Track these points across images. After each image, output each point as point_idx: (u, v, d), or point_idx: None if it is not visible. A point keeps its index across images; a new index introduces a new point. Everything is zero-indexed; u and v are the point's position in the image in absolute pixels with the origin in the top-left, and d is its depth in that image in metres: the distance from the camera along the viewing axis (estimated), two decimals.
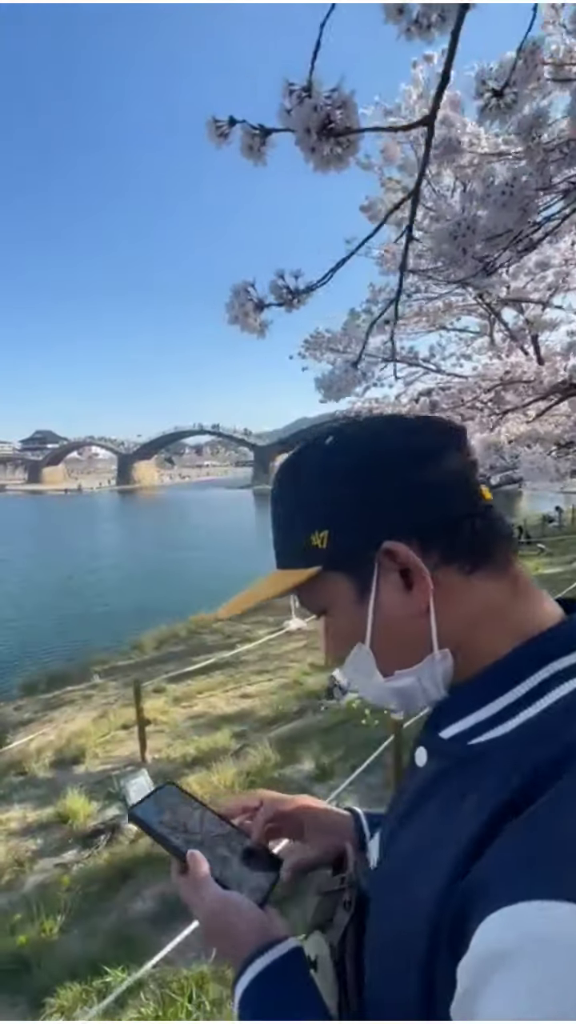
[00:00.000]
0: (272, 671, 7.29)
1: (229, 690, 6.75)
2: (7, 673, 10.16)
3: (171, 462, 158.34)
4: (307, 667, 7.14)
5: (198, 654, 8.52)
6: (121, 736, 5.65)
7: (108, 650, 10.15)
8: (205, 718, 5.86)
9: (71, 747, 5.45)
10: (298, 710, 5.57)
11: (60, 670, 8.93)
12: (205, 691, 6.79)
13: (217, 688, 6.86)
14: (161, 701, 6.43)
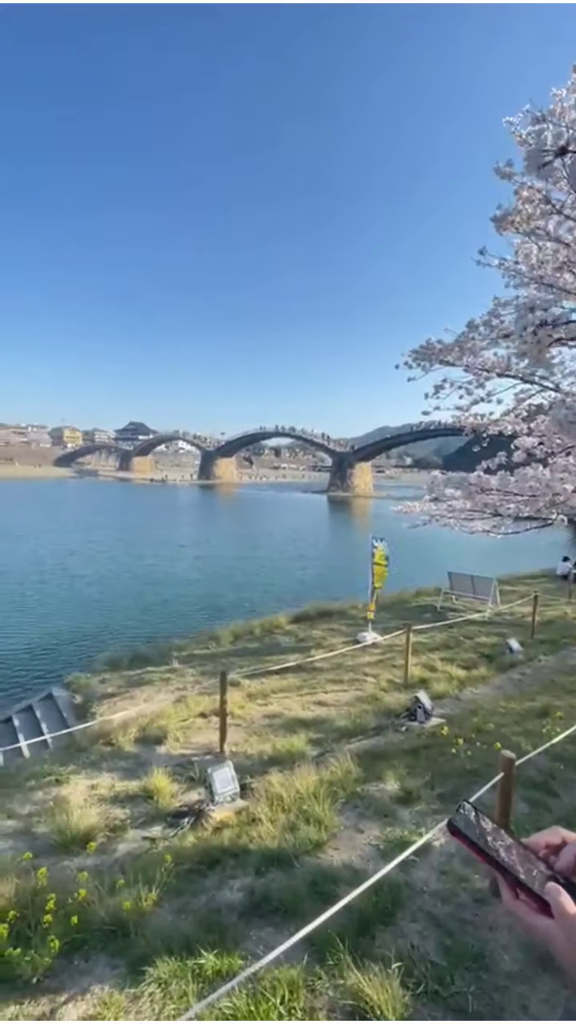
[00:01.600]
0: (347, 682, 7.23)
1: (304, 694, 6.76)
2: (94, 648, 10.95)
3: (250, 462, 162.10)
4: (384, 683, 7.01)
5: (272, 654, 8.67)
6: (199, 724, 5.84)
7: (186, 637, 10.58)
8: (281, 719, 5.91)
9: (153, 727, 5.72)
10: (376, 727, 5.46)
11: (142, 651, 9.39)
12: (280, 692, 6.85)
13: (292, 691, 6.90)
14: (238, 695, 6.57)
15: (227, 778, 3.87)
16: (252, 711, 6.20)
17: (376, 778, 4.07)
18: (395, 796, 3.79)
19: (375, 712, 5.97)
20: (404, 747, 4.73)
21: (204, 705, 6.29)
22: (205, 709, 6.18)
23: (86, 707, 6.94)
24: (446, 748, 4.37)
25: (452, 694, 6.43)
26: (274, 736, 5.43)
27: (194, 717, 6.01)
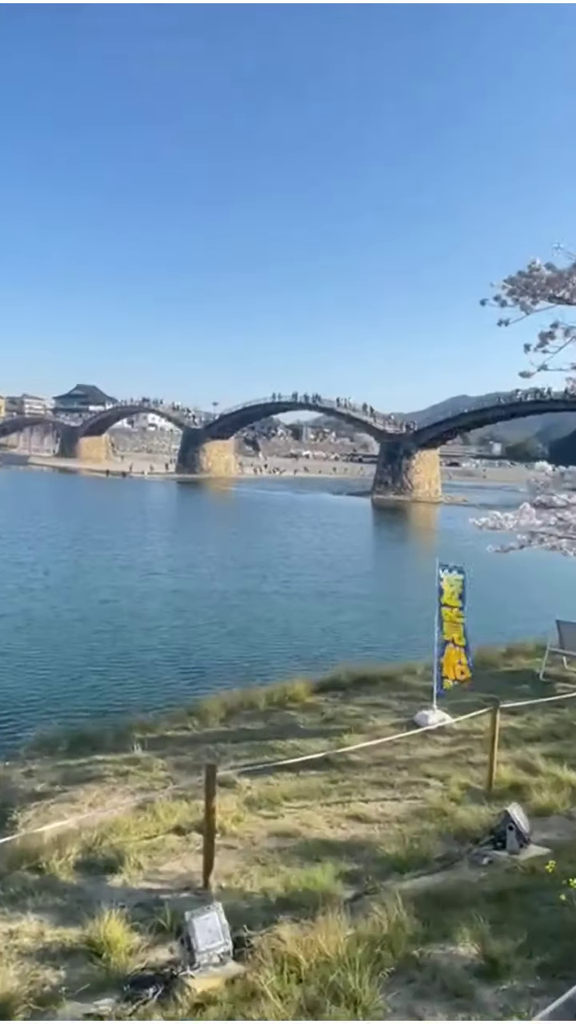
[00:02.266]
0: (399, 786, 7.25)
1: (332, 803, 6.79)
2: (16, 723, 11.05)
3: (255, 446, 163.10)
4: (455, 790, 7.01)
5: (284, 738, 8.76)
6: (173, 843, 5.89)
7: (155, 711, 10.63)
8: (296, 840, 5.93)
9: (104, 846, 5.78)
10: (443, 856, 5.46)
11: (88, 730, 9.48)
12: (296, 798, 6.89)
13: (313, 797, 6.94)
14: (231, 801, 6.60)
15: (214, 928, 3.88)
16: (253, 826, 6.22)
17: (442, 936, 4.06)
18: (472, 965, 3.78)
19: (441, 834, 5.94)
20: (486, 889, 4.71)
21: (180, 815, 6.33)
22: (182, 821, 6.21)
23: (3, 813, 7.02)
24: (551, 893, 4.33)
25: (562, 809, 6.40)
26: (286, 866, 5.44)
27: (165, 833, 6.05)
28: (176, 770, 7.80)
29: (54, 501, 56.82)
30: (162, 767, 7.90)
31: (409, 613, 21.11)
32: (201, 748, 8.52)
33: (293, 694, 10.57)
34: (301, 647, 16.76)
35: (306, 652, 16.19)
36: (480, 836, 5.68)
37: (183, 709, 10.53)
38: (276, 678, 11.56)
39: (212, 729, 9.39)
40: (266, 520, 49.72)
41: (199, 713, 9.92)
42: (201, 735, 9.17)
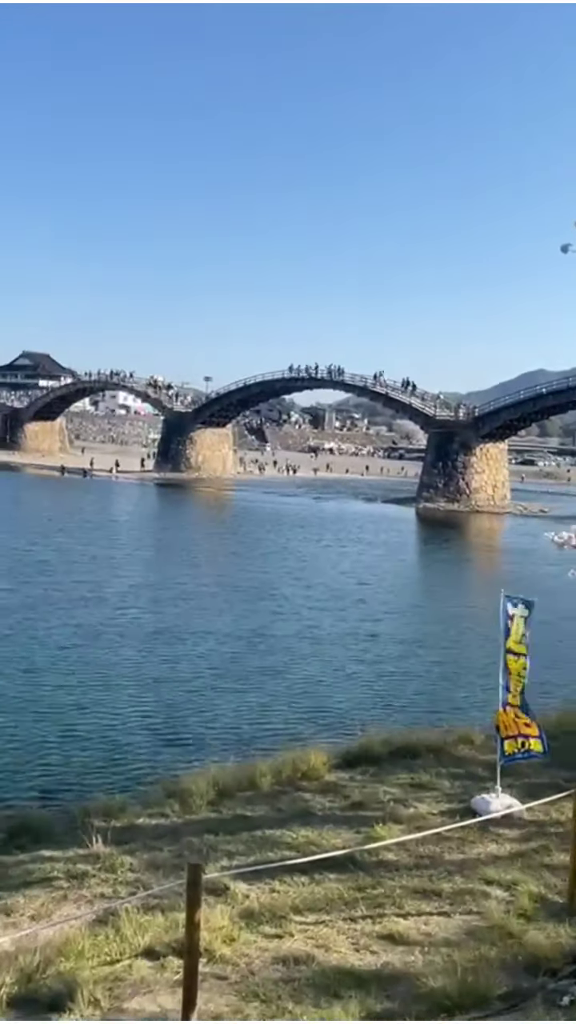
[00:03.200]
0: (448, 896, 7.20)
1: (358, 918, 6.75)
2: None
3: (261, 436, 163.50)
4: (526, 901, 6.96)
5: (295, 828, 8.74)
6: (143, 970, 5.86)
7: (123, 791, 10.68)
8: (310, 968, 5.88)
9: (48, 974, 5.76)
10: (509, 993, 5.41)
11: (31, 815, 9.67)
12: (309, 910, 6.85)
13: (333, 909, 6.90)
14: (223, 913, 6.57)
15: None
16: (252, 948, 6.18)
17: None
18: None
19: (505, 963, 5.89)
20: None
21: (154, 932, 6.29)
22: (156, 941, 6.18)
23: None
24: None
25: None
26: (295, 1004, 5.39)
27: (132, 957, 6.02)
28: (149, 871, 7.79)
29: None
30: (130, 867, 7.89)
31: (466, 663, 21.10)
32: (183, 841, 8.52)
33: (308, 769, 10.56)
34: (320, 706, 16.86)
35: (327, 713, 16.27)
36: (559, 966, 5.63)
37: (160, 789, 10.57)
38: (285, 744, 11.58)
39: (198, 816, 9.39)
40: (278, 537, 50.02)
41: (181, 794, 9.93)
42: (183, 824, 9.18)
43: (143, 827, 9.20)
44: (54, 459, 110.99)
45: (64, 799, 10.99)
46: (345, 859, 7.59)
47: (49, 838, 9.02)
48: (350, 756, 11.22)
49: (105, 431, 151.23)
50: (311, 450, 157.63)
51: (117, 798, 10.30)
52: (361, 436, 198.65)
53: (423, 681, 19.47)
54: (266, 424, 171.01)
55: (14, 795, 11.44)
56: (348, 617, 26.72)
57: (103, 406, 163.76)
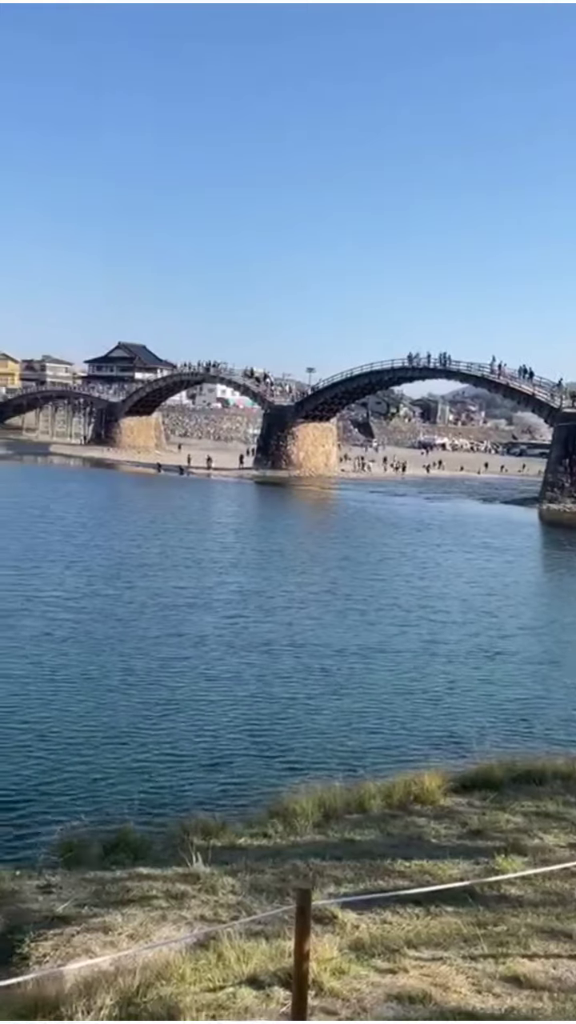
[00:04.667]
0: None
1: (478, 956, 6.65)
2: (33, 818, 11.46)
3: (367, 431, 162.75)
4: None
5: (408, 856, 8.72)
6: (247, 999, 5.90)
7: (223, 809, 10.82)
8: (427, 1008, 5.83)
9: (149, 997, 5.86)
10: None
11: (129, 832, 9.79)
12: (424, 945, 6.80)
13: (451, 945, 6.82)
14: (331, 943, 6.57)
15: None
16: (363, 983, 6.15)
17: None
18: None
19: None
20: None
21: (258, 960, 6.33)
22: (260, 969, 6.21)
23: (10, 942, 7.24)
24: None
25: None
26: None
27: (236, 984, 6.07)
28: (251, 894, 7.86)
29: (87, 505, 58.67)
30: (232, 889, 7.98)
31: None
32: (287, 865, 8.58)
33: (421, 792, 10.56)
34: (436, 726, 16.69)
35: (443, 734, 16.09)
36: None
37: (263, 809, 10.71)
38: (397, 769, 11.50)
39: (303, 838, 9.44)
40: (390, 540, 49.67)
41: (285, 815, 10.01)
42: (287, 846, 9.25)
43: (245, 847, 9.31)
44: (150, 456, 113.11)
45: (162, 815, 11.19)
46: (463, 891, 7.54)
47: (147, 855, 9.21)
48: (467, 780, 11.16)
49: (202, 426, 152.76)
50: (422, 446, 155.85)
51: (217, 816, 10.49)
52: (477, 430, 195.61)
53: (552, 703, 19.01)
54: (373, 418, 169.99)
55: (111, 809, 11.64)
56: (470, 631, 26.30)
57: (200, 400, 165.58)
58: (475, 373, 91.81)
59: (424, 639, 24.71)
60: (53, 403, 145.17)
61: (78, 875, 8.76)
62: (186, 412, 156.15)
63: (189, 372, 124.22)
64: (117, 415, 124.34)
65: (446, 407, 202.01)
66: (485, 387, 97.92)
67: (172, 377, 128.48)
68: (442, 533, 54.61)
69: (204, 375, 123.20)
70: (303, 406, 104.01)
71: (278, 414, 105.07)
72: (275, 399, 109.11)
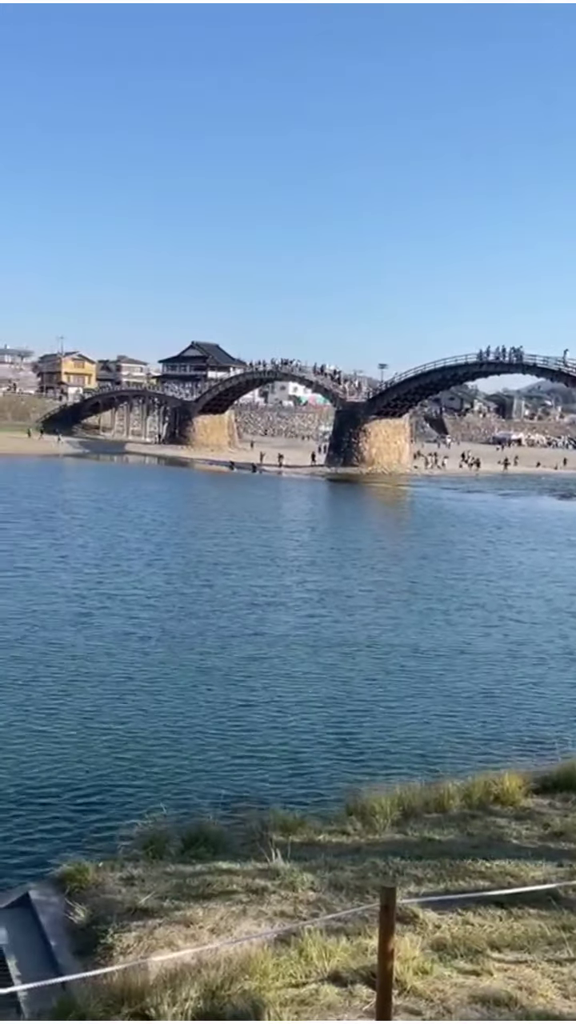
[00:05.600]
0: None
1: (565, 961, 6.55)
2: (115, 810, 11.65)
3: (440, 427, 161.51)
4: None
5: (489, 857, 8.64)
6: (330, 996, 5.92)
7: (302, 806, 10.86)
8: (513, 1011, 5.77)
9: (233, 991, 5.90)
10: None
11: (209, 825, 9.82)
12: (508, 947, 6.74)
13: (536, 948, 6.75)
14: (413, 943, 6.55)
15: None
16: (447, 984, 6.12)
17: None
18: None
19: None
20: None
21: (340, 957, 6.35)
22: (342, 966, 6.23)
23: (95, 933, 7.37)
24: None
25: None
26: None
27: (318, 981, 6.09)
28: (331, 891, 7.86)
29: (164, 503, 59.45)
30: (311, 885, 7.98)
31: None
32: (367, 863, 8.55)
33: (501, 793, 10.46)
34: (518, 728, 16.58)
35: (524, 735, 15.97)
36: None
37: (341, 806, 10.69)
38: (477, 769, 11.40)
39: (382, 837, 9.42)
40: (468, 538, 49.13)
41: (363, 813, 10.00)
42: (366, 844, 9.23)
43: (323, 844, 9.30)
44: (223, 454, 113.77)
45: (242, 811, 11.20)
46: (546, 894, 7.44)
47: (226, 849, 9.24)
48: (549, 781, 11.00)
49: (274, 424, 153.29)
50: (496, 441, 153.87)
51: (296, 812, 10.50)
52: (554, 425, 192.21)
53: None
54: (446, 413, 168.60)
55: (191, 804, 11.80)
56: (554, 631, 25.87)
57: (272, 398, 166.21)
58: (551, 367, 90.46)
59: (506, 640, 24.45)
60: (128, 402, 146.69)
61: (159, 868, 8.83)
62: (258, 410, 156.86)
63: (261, 370, 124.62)
64: (191, 414, 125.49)
65: (521, 402, 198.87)
66: (562, 381, 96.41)
67: (244, 375, 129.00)
68: (522, 530, 53.87)
69: (276, 372, 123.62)
70: (375, 403, 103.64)
71: (350, 411, 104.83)
72: (347, 396, 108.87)
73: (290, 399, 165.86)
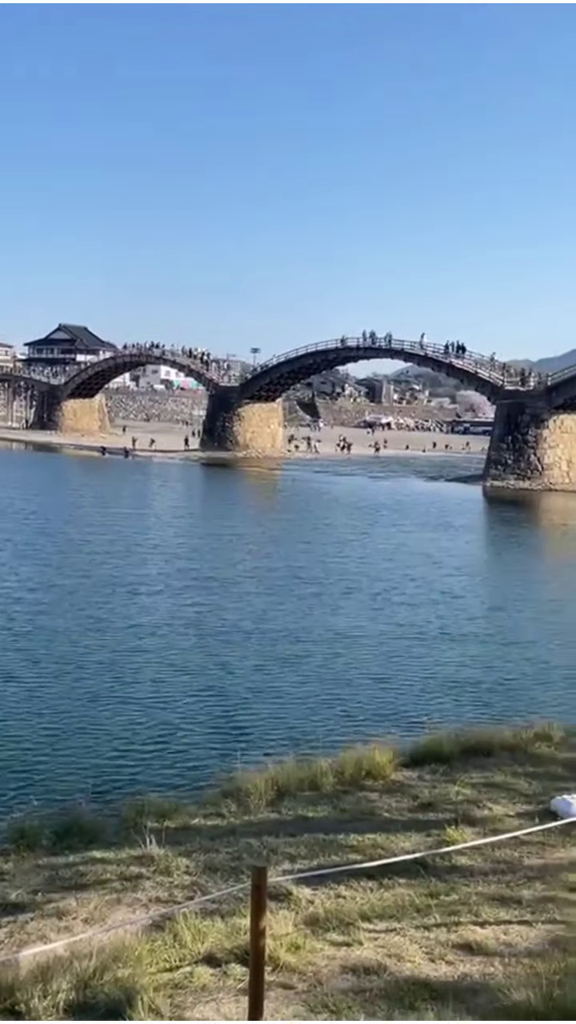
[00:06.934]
0: (530, 903, 7.20)
1: (431, 926, 6.76)
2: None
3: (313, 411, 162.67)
4: None
5: (360, 831, 8.81)
6: (204, 978, 5.95)
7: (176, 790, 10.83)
8: (382, 978, 5.92)
9: (105, 980, 5.86)
10: None
11: (82, 815, 9.75)
12: (378, 917, 6.90)
13: (404, 916, 6.93)
14: (287, 919, 6.64)
15: None
16: (319, 957, 6.23)
17: None
18: None
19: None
20: None
21: (214, 938, 6.39)
22: (216, 947, 6.27)
23: None
24: None
25: None
26: (367, 1016, 5.41)
27: (193, 963, 6.11)
28: (206, 874, 7.90)
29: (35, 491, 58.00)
30: (186, 869, 8.01)
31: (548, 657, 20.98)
32: (241, 843, 8.62)
33: (372, 768, 10.61)
34: (386, 703, 16.91)
35: (393, 710, 16.31)
36: None
37: (216, 789, 10.71)
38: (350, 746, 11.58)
39: (257, 817, 9.48)
40: (346, 521, 49.68)
41: (238, 794, 10.04)
42: (241, 825, 9.28)
43: (199, 828, 9.32)
44: (94, 439, 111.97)
45: (114, 798, 11.14)
46: (415, 864, 7.63)
47: (100, 839, 9.16)
48: (417, 754, 11.24)
49: (146, 408, 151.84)
50: (367, 425, 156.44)
51: (170, 797, 10.50)
52: (421, 409, 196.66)
53: (494, 675, 19.32)
54: (318, 398, 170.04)
55: (62, 794, 11.62)
56: (408, 607, 26.57)
57: (144, 382, 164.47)
58: (419, 352, 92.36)
59: (384, 621, 24.80)
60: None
61: (31, 861, 8.72)
62: (130, 394, 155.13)
63: (131, 353, 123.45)
64: (59, 398, 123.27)
65: (390, 386, 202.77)
66: (429, 366, 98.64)
67: (114, 359, 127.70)
68: (398, 513, 54.79)
69: (147, 356, 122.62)
70: (248, 387, 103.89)
71: (223, 395, 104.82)
72: (220, 380, 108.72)
73: (162, 383, 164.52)
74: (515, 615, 26.71)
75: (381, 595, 28.63)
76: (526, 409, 79.28)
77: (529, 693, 17.92)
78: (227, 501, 61.44)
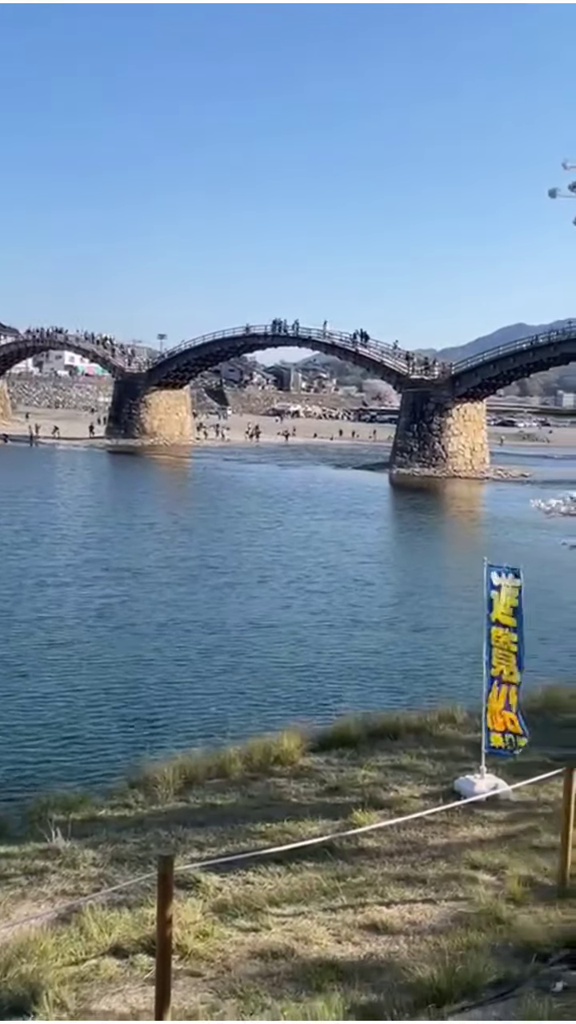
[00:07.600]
0: (433, 882, 7.34)
1: (338, 908, 6.85)
2: None
3: (221, 398, 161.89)
4: (515, 885, 7.11)
5: (269, 817, 8.85)
6: (111, 969, 5.92)
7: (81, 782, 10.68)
8: (289, 961, 5.98)
9: (9, 976, 5.79)
10: (499, 981, 5.50)
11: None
12: (286, 901, 6.96)
13: (312, 900, 7.01)
14: (195, 908, 6.65)
15: None
16: (227, 943, 6.26)
17: None
18: None
19: (495, 949, 5.98)
20: None
21: (121, 930, 6.37)
22: (123, 938, 6.25)
23: None
24: None
25: None
26: (275, 999, 5.47)
27: (99, 955, 6.08)
28: (113, 865, 7.84)
29: None
30: (93, 861, 7.93)
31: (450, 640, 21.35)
32: (149, 834, 8.57)
33: (281, 754, 10.63)
34: (294, 689, 16.98)
35: (300, 696, 16.40)
36: (550, 951, 5.72)
37: (122, 780, 10.59)
38: (256, 729, 11.63)
39: (164, 806, 9.43)
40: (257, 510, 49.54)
41: (146, 784, 9.97)
42: (149, 815, 9.23)
43: (106, 819, 9.21)
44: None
45: (19, 793, 10.96)
46: (323, 847, 7.70)
47: (3, 834, 8.97)
48: (325, 739, 11.29)
49: (50, 395, 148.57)
50: (276, 413, 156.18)
51: (77, 790, 10.32)
52: (329, 397, 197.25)
53: (404, 660, 19.60)
54: (226, 385, 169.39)
55: None
56: (320, 595, 26.71)
57: (47, 367, 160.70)
58: (325, 340, 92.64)
59: (297, 609, 24.89)
60: None
61: None
62: (33, 380, 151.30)
63: (33, 339, 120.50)
64: None
65: (299, 374, 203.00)
66: (336, 354, 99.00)
67: (15, 344, 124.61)
68: (309, 500, 54.83)
69: (50, 341, 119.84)
70: (155, 373, 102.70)
71: (130, 382, 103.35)
72: (126, 366, 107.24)
73: (66, 369, 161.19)
74: (424, 601, 27.03)
75: (294, 583, 28.68)
76: (431, 398, 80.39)
77: (438, 677, 18.18)
78: (136, 489, 60.62)
